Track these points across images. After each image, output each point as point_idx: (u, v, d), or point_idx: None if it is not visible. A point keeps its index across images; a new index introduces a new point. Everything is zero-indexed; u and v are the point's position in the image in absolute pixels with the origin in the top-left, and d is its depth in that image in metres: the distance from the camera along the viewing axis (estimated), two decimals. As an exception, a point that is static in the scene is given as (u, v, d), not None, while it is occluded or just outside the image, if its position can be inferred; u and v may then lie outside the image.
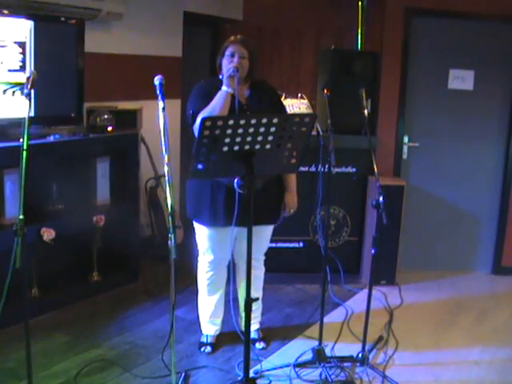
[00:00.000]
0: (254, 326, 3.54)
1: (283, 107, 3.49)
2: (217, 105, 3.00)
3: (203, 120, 2.33)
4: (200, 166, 2.48)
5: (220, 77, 3.20)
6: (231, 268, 3.45)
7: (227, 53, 3.13)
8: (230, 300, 3.49)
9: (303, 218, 4.73)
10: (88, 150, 4.11)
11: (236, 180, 2.80)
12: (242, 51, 3.11)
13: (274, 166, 2.72)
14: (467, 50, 4.87)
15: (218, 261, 3.38)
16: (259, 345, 3.55)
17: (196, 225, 3.35)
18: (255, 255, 3.19)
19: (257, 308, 3.52)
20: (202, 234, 3.33)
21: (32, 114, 3.50)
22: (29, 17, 3.62)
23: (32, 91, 2.44)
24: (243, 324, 3.54)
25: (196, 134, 2.90)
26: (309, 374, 3.24)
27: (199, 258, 3.44)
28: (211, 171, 2.57)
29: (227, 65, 3.08)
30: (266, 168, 2.73)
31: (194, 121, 3.07)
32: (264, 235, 3.39)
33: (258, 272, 3.48)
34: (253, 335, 3.51)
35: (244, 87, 3.19)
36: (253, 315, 3.43)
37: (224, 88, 3.01)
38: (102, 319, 3.83)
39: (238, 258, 3.46)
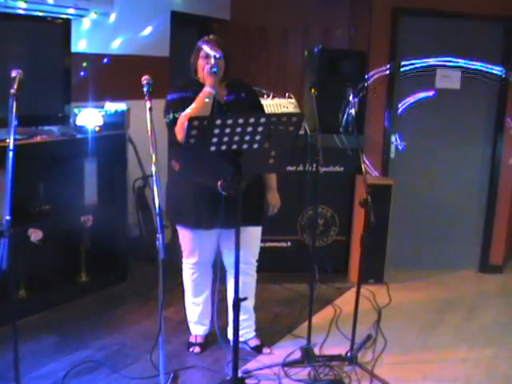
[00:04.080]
0: (251, 333, 3.52)
1: (262, 106, 3.37)
2: (200, 108, 2.91)
3: (190, 120, 2.32)
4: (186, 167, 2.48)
5: (196, 78, 3.16)
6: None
7: (202, 54, 3.06)
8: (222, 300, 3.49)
9: (291, 218, 4.74)
10: (75, 151, 4.08)
11: (219, 182, 2.77)
12: (217, 51, 3.06)
13: (262, 165, 2.73)
14: (454, 50, 4.88)
15: (202, 262, 3.36)
16: (266, 350, 3.49)
17: (178, 227, 3.32)
18: (245, 259, 3.14)
19: (249, 317, 3.46)
20: (185, 236, 3.31)
21: (18, 114, 3.48)
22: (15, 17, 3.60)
23: (18, 91, 2.43)
24: (228, 329, 3.55)
25: (179, 136, 2.89)
26: (297, 373, 3.24)
27: (183, 260, 3.41)
28: (196, 172, 2.57)
29: (205, 66, 2.99)
30: (253, 168, 2.73)
31: (174, 124, 2.98)
32: (250, 236, 3.28)
33: (250, 279, 3.39)
34: (254, 343, 3.50)
35: (221, 88, 3.14)
36: (247, 323, 3.44)
37: (207, 89, 2.91)
38: (90, 320, 3.82)
39: (227, 262, 3.39)
